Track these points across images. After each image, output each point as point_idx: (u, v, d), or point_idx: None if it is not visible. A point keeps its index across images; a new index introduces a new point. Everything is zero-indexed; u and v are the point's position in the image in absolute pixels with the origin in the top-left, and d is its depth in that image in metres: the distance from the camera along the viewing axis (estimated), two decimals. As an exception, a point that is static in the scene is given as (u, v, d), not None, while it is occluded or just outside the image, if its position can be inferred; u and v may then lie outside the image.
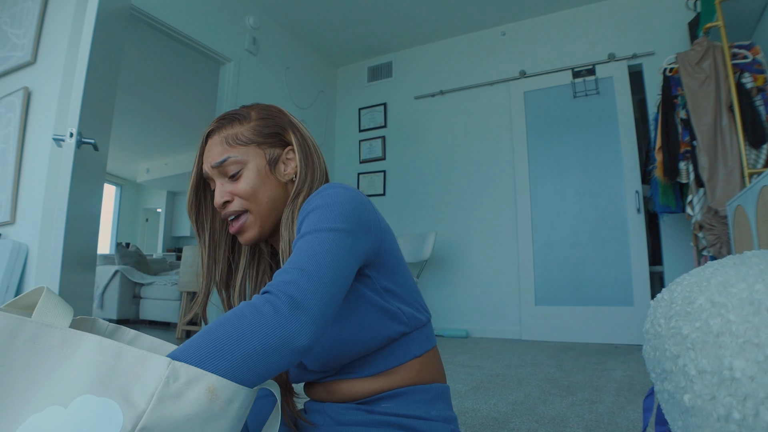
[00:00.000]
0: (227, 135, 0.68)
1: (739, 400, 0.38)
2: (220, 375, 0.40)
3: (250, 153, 0.67)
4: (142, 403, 0.36)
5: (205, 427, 0.38)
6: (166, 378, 0.37)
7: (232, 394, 0.40)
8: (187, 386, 0.38)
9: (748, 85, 2.28)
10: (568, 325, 3.23)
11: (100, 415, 0.36)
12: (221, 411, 0.39)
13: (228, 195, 0.66)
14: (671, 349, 0.48)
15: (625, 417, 1.38)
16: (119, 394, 0.37)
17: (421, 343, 0.67)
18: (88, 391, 0.36)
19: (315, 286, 0.48)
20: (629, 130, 3.26)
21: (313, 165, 0.70)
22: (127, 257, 4.75)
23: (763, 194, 1.60)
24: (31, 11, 2.41)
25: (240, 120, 0.69)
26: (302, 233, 0.55)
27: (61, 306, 0.42)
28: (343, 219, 0.56)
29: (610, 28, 3.44)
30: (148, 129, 6.17)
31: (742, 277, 0.45)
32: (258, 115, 0.70)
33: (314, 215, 0.56)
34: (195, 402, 0.38)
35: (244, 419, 0.43)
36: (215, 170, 0.67)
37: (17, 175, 2.27)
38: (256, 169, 0.67)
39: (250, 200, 0.66)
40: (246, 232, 0.67)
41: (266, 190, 0.67)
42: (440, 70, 4.08)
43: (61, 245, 1.52)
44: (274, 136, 0.69)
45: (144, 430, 0.36)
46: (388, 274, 0.64)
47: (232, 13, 3.36)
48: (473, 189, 3.77)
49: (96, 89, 1.65)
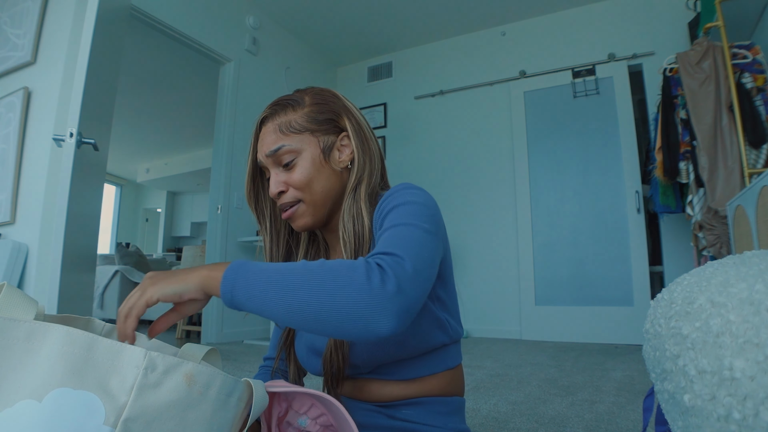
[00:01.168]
0: (281, 122, 0.66)
1: (739, 400, 0.38)
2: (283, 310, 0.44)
3: (304, 141, 0.66)
4: (122, 395, 0.37)
5: (187, 412, 0.39)
6: (144, 369, 0.38)
7: (208, 379, 0.41)
8: (165, 375, 0.38)
9: (748, 85, 2.28)
10: (568, 325, 3.23)
11: (80, 407, 0.35)
12: (200, 396, 0.40)
13: (282, 185, 0.66)
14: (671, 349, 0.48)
15: (625, 417, 1.38)
16: (97, 386, 0.36)
17: (455, 356, 0.67)
18: (63, 384, 0.36)
19: (418, 276, 0.47)
20: (629, 130, 3.26)
21: (370, 151, 0.68)
22: (127, 257, 4.75)
23: (763, 194, 1.60)
24: (31, 11, 2.41)
25: (293, 106, 0.67)
26: (396, 223, 0.54)
27: (24, 300, 0.42)
28: (431, 221, 0.56)
29: (610, 28, 3.44)
30: (148, 129, 6.17)
31: (742, 277, 0.45)
32: (312, 100, 0.68)
33: (405, 210, 0.56)
34: (174, 389, 0.38)
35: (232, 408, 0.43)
36: (269, 159, 0.66)
37: (17, 175, 2.27)
38: (311, 158, 0.66)
39: (304, 190, 0.65)
40: (298, 219, 0.67)
41: (321, 180, 0.66)
42: (440, 70, 4.08)
43: (61, 245, 1.52)
44: (328, 123, 0.68)
45: (128, 421, 0.36)
46: (443, 283, 0.64)
47: (232, 13, 3.36)
48: (473, 189, 3.77)
49: (96, 89, 1.65)
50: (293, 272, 0.45)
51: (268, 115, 0.68)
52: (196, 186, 8.12)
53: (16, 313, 0.40)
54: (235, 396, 0.44)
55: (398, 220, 0.55)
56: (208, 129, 4.27)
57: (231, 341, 3.17)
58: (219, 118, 3.35)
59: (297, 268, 0.46)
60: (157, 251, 8.37)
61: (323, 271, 0.45)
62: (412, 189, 0.61)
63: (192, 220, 8.67)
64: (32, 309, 0.42)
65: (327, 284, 0.43)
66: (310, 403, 0.55)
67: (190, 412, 0.39)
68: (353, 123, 0.68)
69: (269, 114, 0.68)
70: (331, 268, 0.45)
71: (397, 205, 0.57)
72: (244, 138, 3.42)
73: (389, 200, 0.60)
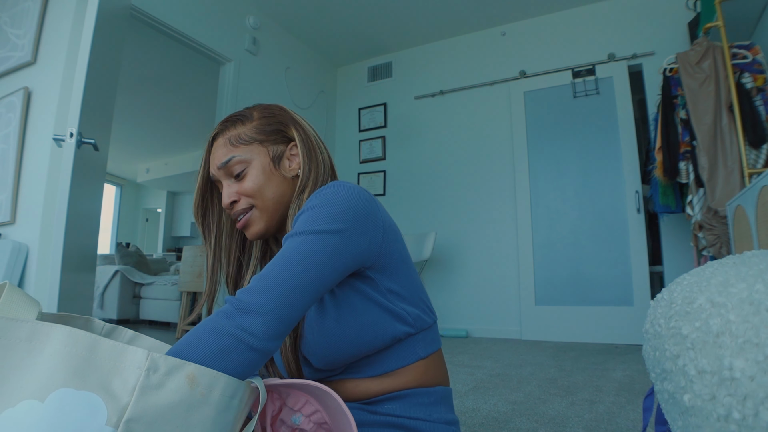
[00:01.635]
0: (231, 136, 0.69)
1: (739, 400, 0.38)
2: None
3: (253, 151, 0.69)
4: (125, 396, 0.37)
5: (190, 413, 0.39)
6: (146, 369, 0.38)
7: (211, 381, 0.41)
8: (167, 376, 0.39)
9: (748, 85, 2.28)
10: (568, 325, 3.23)
11: (82, 408, 0.35)
12: (203, 397, 0.40)
13: (235, 195, 0.68)
14: (671, 349, 0.48)
15: (625, 417, 1.38)
16: (99, 386, 0.37)
17: (426, 344, 0.67)
18: (66, 385, 0.36)
19: (269, 288, 0.49)
20: (629, 130, 3.26)
21: (317, 160, 0.71)
22: (127, 257, 4.75)
23: (763, 194, 1.60)
24: (31, 11, 2.41)
25: (243, 120, 0.71)
26: (285, 237, 0.57)
27: (26, 300, 0.42)
28: (332, 220, 0.56)
29: (610, 28, 3.44)
30: (148, 129, 6.16)
31: (741, 277, 0.45)
32: (260, 114, 0.72)
33: (303, 217, 0.57)
34: (177, 390, 0.39)
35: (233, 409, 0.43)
36: (221, 171, 0.69)
37: (17, 175, 2.27)
38: (261, 167, 0.69)
39: (255, 197, 0.68)
40: (252, 226, 0.69)
41: (271, 187, 0.69)
42: (440, 70, 4.08)
43: (61, 245, 1.52)
44: (276, 133, 0.71)
45: (130, 421, 0.36)
46: (392, 275, 0.64)
47: (232, 13, 3.36)
48: (473, 189, 3.77)
49: (96, 89, 1.65)
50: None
51: (219, 132, 0.71)
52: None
53: (18, 313, 0.40)
54: (237, 398, 0.44)
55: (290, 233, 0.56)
56: (208, 129, 4.29)
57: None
58: (219, 118, 3.35)
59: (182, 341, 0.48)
60: (157, 251, 8.37)
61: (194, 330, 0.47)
62: (327, 189, 0.60)
63: (192, 220, 8.66)
64: (34, 309, 0.42)
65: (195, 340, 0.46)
66: (305, 399, 0.54)
67: (192, 414, 0.39)
68: (300, 133, 0.71)
69: (220, 130, 0.71)
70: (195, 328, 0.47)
71: (302, 213, 0.58)
72: (244, 138, 3.41)
73: (304, 205, 0.60)
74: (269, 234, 0.70)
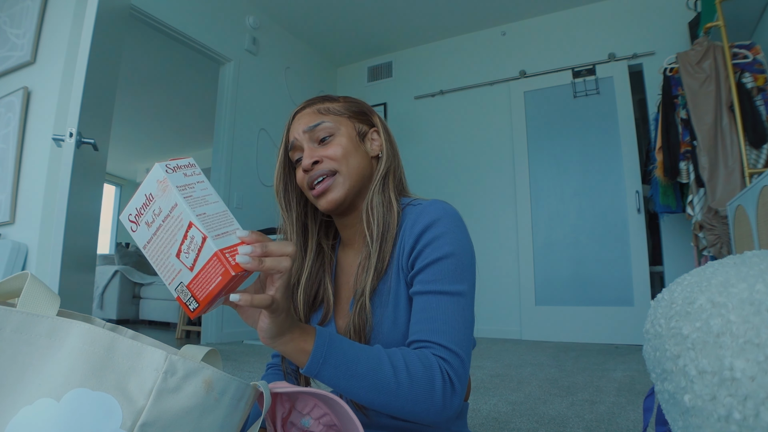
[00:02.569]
0: (319, 107, 0.69)
1: (740, 401, 0.38)
2: (360, 397, 0.51)
3: (341, 122, 0.69)
4: (141, 399, 0.36)
5: (202, 417, 0.39)
6: (164, 372, 0.37)
7: (225, 385, 0.41)
8: (185, 380, 0.38)
9: (748, 85, 2.28)
10: (568, 325, 3.23)
11: (97, 409, 0.35)
12: (216, 402, 0.40)
13: (318, 157, 0.66)
14: (671, 350, 0.47)
15: (626, 417, 1.37)
16: (115, 388, 0.36)
17: None
18: (82, 385, 0.35)
19: (465, 371, 0.55)
20: (629, 130, 3.26)
21: (394, 150, 0.73)
22: (127, 257, 4.76)
23: (763, 194, 1.60)
24: (30, 11, 2.41)
25: (329, 99, 0.72)
26: (444, 290, 0.58)
27: (48, 293, 0.41)
28: (470, 276, 0.61)
29: (610, 28, 3.44)
30: (148, 129, 6.17)
31: (742, 277, 0.45)
32: (344, 99, 0.73)
33: (450, 266, 0.59)
34: (193, 395, 0.38)
35: (240, 412, 0.43)
36: (306, 135, 0.67)
37: (17, 175, 2.27)
38: (348, 136, 0.68)
39: (341, 162, 0.66)
40: (331, 192, 0.66)
41: (357, 157, 0.68)
42: (440, 70, 4.08)
43: (60, 245, 1.52)
44: (362, 115, 0.72)
45: (145, 425, 0.36)
46: None
47: (232, 13, 3.36)
48: (473, 189, 3.77)
49: (96, 89, 1.65)
50: (380, 370, 0.52)
51: (305, 106, 0.71)
52: (196, 186, 8.11)
53: (39, 308, 0.40)
54: (244, 400, 0.44)
55: (446, 285, 0.59)
56: (208, 129, 4.27)
57: (231, 341, 3.17)
58: (219, 118, 3.35)
59: (384, 368, 0.52)
60: (157, 251, 8.37)
61: (409, 380, 0.52)
62: (450, 221, 0.63)
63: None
64: (55, 304, 0.41)
65: (409, 396, 0.51)
66: (313, 403, 0.54)
67: (204, 419, 0.39)
68: (382, 122, 0.74)
69: (306, 105, 0.71)
70: (414, 379, 0.52)
71: (441, 258, 0.60)
72: (244, 138, 3.42)
73: (429, 227, 0.61)
74: (344, 205, 0.67)
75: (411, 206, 0.67)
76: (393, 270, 0.64)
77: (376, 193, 0.67)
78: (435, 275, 0.59)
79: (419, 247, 0.61)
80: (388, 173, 0.69)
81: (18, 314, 0.38)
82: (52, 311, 0.40)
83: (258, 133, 3.54)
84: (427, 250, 0.60)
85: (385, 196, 0.67)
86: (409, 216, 0.65)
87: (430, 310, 0.57)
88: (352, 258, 0.72)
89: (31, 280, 0.41)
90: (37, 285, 0.41)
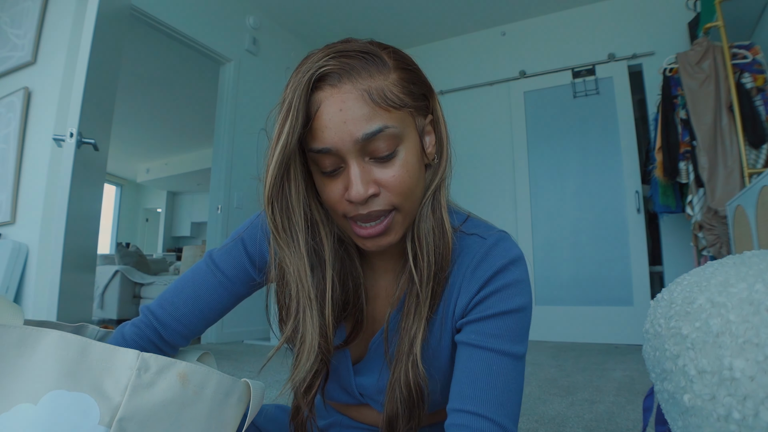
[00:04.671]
0: (369, 88, 0.43)
1: (739, 400, 0.38)
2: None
3: (406, 123, 0.45)
4: (116, 396, 0.37)
5: (183, 411, 0.39)
6: (137, 369, 0.38)
7: (202, 379, 0.41)
8: (158, 375, 0.39)
9: (747, 85, 2.28)
10: (568, 324, 3.23)
11: (75, 409, 0.36)
12: (195, 396, 0.40)
13: (375, 186, 0.44)
14: (671, 349, 0.48)
15: (625, 417, 1.38)
16: (91, 387, 0.37)
17: None
18: (58, 387, 0.36)
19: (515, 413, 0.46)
20: (629, 130, 3.26)
21: (446, 147, 0.54)
22: (127, 257, 4.76)
23: (763, 194, 1.60)
24: (31, 11, 2.41)
25: (378, 67, 0.44)
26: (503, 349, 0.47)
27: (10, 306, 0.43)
28: (526, 338, 0.50)
29: (610, 28, 3.44)
30: (148, 129, 6.17)
31: (742, 277, 0.45)
32: (397, 62, 0.47)
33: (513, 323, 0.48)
34: (168, 388, 0.39)
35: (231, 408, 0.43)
36: (357, 145, 0.43)
37: (17, 175, 2.28)
38: (414, 150, 0.46)
39: (406, 196, 0.46)
40: (390, 234, 0.47)
41: (421, 182, 0.48)
42: (440, 70, 4.08)
43: (61, 245, 1.52)
44: (422, 99, 0.49)
45: (122, 420, 0.37)
46: None
47: (232, 13, 3.36)
48: (473, 189, 3.77)
49: (96, 89, 1.65)
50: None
51: (336, 70, 0.43)
52: (196, 186, 8.12)
53: (5, 319, 0.41)
54: (235, 396, 0.44)
55: (508, 344, 0.47)
56: (208, 129, 4.28)
57: (231, 341, 3.17)
58: (219, 118, 3.35)
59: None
60: (157, 251, 8.37)
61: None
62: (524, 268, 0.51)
63: (192, 220, 8.67)
64: (19, 315, 0.43)
65: None
66: None
67: (185, 412, 0.40)
68: (439, 105, 0.51)
69: (338, 69, 0.43)
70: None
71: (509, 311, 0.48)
72: (244, 138, 3.42)
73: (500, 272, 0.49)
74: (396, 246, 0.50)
75: (467, 235, 0.52)
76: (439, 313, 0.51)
77: (425, 216, 0.49)
78: (498, 329, 0.47)
79: (484, 293, 0.48)
80: (439, 188, 0.51)
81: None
82: (17, 321, 0.41)
83: (258, 133, 3.53)
84: (492, 299, 0.48)
85: (436, 217, 0.50)
86: (469, 250, 0.51)
87: (491, 374, 0.46)
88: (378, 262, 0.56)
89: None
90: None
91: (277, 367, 2.29)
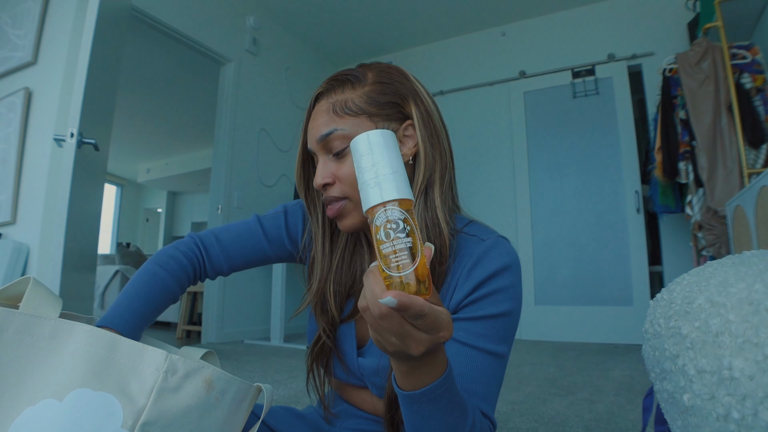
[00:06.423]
0: (336, 101, 0.56)
1: (738, 400, 0.38)
2: None
3: (360, 126, 0.55)
4: (141, 398, 0.36)
5: (203, 416, 0.39)
6: (164, 372, 0.37)
7: (225, 385, 0.41)
8: (185, 379, 0.38)
9: (747, 86, 2.28)
10: (568, 324, 3.24)
11: (99, 409, 0.36)
12: (216, 402, 0.40)
13: (329, 176, 0.55)
14: (671, 349, 0.48)
15: (625, 417, 1.38)
16: (117, 387, 0.36)
17: None
18: (84, 385, 0.36)
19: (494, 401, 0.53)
20: (629, 130, 3.26)
21: (440, 147, 0.59)
22: (128, 257, 4.76)
23: (762, 194, 1.61)
24: (31, 12, 2.41)
25: (353, 83, 0.57)
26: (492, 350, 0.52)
27: (50, 296, 0.42)
28: (512, 339, 0.55)
29: (610, 29, 3.44)
30: (148, 129, 6.16)
31: (741, 277, 0.45)
32: (375, 77, 0.57)
33: (503, 326, 0.53)
34: (193, 394, 0.38)
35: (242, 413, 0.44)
36: (319, 145, 0.56)
37: (18, 175, 2.28)
38: None
39: (354, 187, 0.53)
40: (345, 218, 0.56)
41: None
42: (440, 71, 4.08)
43: (61, 245, 1.52)
44: (391, 107, 0.56)
45: (146, 425, 0.36)
46: None
47: (232, 13, 3.36)
48: (473, 189, 3.77)
49: (96, 89, 1.65)
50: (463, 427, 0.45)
51: (324, 91, 0.58)
52: (197, 186, 8.11)
53: (41, 310, 0.40)
54: (247, 401, 0.44)
55: (493, 344, 0.52)
56: (208, 129, 4.28)
57: (231, 341, 3.17)
58: (219, 118, 3.35)
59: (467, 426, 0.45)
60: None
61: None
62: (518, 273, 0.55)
63: (192, 220, 8.66)
64: (57, 306, 0.42)
65: None
66: None
67: (205, 418, 0.39)
68: (421, 109, 0.57)
69: (325, 90, 0.58)
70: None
71: (498, 314, 0.52)
72: (244, 138, 3.42)
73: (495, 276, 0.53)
74: (365, 228, 0.58)
75: (467, 237, 0.57)
76: None
77: (418, 213, 0.54)
78: (486, 330, 0.52)
79: (476, 295, 0.53)
80: (430, 186, 0.56)
81: (20, 316, 0.39)
82: (54, 313, 0.41)
83: (258, 133, 3.54)
84: (484, 301, 0.53)
85: (431, 216, 0.54)
86: (467, 251, 0.55)
87: (475, 369, 0.51)
88: None
89: (33, 283, 0.42)
90: (39, 288, 0.42)
91: (278, 368, 2.29)
